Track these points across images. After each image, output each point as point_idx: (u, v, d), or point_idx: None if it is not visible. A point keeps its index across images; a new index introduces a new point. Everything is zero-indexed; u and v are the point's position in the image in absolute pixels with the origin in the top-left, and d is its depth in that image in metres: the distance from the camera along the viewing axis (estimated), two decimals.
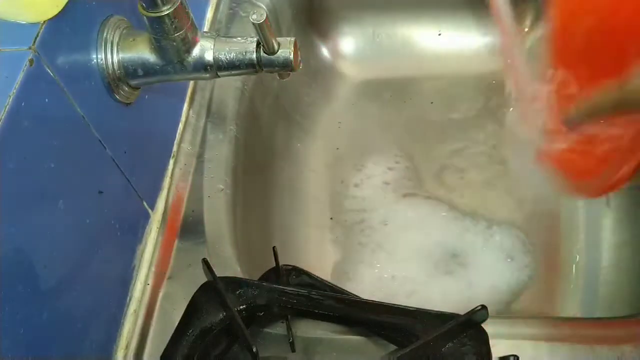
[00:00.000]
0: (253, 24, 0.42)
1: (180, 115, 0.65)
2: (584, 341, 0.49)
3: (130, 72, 0.47)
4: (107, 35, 0.46)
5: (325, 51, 0.89)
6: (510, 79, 0.48)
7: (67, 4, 0.41)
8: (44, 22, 0.40)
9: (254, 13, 0.42)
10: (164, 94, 0.60)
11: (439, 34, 0.89)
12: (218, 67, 0.47)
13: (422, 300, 0.69)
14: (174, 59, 0.46)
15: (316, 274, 0.54)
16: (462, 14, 0.88)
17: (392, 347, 0.49)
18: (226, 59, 0.46)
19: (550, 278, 0.70)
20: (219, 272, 0.50)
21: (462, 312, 0.46)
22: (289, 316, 0.51)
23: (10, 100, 0.36)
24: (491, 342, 0.46)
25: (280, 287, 0.50)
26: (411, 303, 0.49)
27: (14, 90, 0.37)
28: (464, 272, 0.71)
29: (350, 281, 0.71)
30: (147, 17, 0.43)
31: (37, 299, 0.39)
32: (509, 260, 0.72)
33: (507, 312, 0.67)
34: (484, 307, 0.45)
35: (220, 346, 0.48)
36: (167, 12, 0.42)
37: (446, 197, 0.77)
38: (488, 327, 0.46)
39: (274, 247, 0.54)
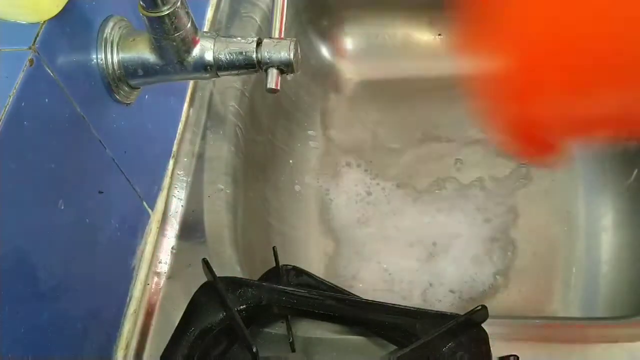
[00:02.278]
0: None
1: (180, 115, 0.65)
2: (584, 341, 0.49)
3: (130, 72, 0.47)
4: (107, 35, 0.46)
5: (325, 51, 0.89)
6: None
7: (67, 4, 0.41)
8: (44, 22, 0.40)
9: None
10: (164, 94, 0.60)
11: (439, 34, 0.89)
12: (218, 67, 0.47)
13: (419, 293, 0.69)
14: (174, 59, 0.46)
15: (316, 274, 0.54)
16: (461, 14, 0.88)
17: (392, 347, 0.49)
18: (226, 59, 0.46)
19: (550, 278, 0.70)
20: (219, 272, 0.50)
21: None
22: (289, 316, 0.51)
23: (10, 100, 0.36)
24: (491, 342, 0.46)
25: (280, 287, 0.50)
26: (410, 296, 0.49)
27: (14, 91, 0.37)
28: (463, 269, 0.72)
29: (351, 280, 0.71)
30: (147, 17, 0.43)
31: (37, 299, 0.39)
32: (509, 260, 0.72)
33: (507, 312, 0.67)
34: (484, 307, 0.45)
35: (220, 346, 0.48)
36: (167, 12, 0.42)
37: (445, 196, 0.77)
38: (488, 327, 0.46)
39: (274, 247, 0.54)
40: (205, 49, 0.46)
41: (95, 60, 0.46)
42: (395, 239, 0.75)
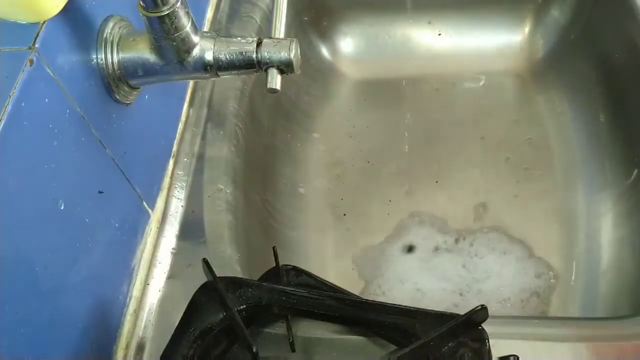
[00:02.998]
0: None
1: (180, 115, 0.65)
2: (584, 341, 0.49)
3: (130, 72, 0.47)
4: (107, 35, 0.46)
5: (325, 51, 0.89)
6: None
7: (67, 4, 0.41)
8: (44, 22, 0.40)
9: None
10: (164, 94, 0.60)
11: (439, 34, 0.89)
12: (218, 67, 0.47)
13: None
14: (174, 59, 0.46)
15: (316, 274, 0.54)
16: (461, 14, 0.88)
17: (392, 347, 0.49)
18: (226, 59, 0.46)
19: (550, 278, 0.70)
20: (219, 272, 0.50)
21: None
22: (289, 316, 0.51)
23: (10, 100, 0.36)
24: (491, 342, 0.46)
25: (280, 287, 0.50)
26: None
27: (14, 91, 0.37)
28: (463, 271, 0.72)
29: (352, 281, 0.71)
30: (147, 17, 0.43)
31: (37, 299, 0.39)
32: (509, 261, 0.72)
33: (507, 312, 0.67)
34: (483, 307, 0.45)
35: (220, 346, 0.48)
36: (167, 12, 0.42)
37: (444, 197, 0.77)
38: (488, 327, 0.46)
39: (274, 247, 0.54)
40: (205, 49, 0.46)
41: (95, 60, 0.46)
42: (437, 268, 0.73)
